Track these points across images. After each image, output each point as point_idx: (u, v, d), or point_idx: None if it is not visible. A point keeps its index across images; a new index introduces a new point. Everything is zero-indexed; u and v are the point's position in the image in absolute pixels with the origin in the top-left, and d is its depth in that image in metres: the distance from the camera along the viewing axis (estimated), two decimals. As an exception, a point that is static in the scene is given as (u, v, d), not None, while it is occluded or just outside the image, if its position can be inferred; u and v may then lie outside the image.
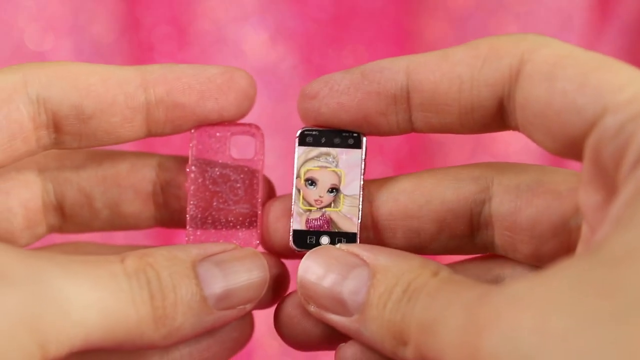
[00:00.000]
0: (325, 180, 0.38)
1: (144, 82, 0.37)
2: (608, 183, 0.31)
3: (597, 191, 0.32)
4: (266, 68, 0.67)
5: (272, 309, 0.39)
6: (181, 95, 0.37)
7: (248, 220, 0.39)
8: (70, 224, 0.40)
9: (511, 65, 0.34)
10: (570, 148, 0.32)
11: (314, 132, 0.38)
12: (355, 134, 0.38)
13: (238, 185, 0.39)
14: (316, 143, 0.38)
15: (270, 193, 0.40)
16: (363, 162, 0.38)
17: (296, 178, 0.38)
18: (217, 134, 0.38)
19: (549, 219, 0.36)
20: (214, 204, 0.39)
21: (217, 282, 0.35)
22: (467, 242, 0.38)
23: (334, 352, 0.37)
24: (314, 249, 0.36)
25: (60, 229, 0.40)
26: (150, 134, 0.38)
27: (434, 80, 0.35)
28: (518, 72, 0.33)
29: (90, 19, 0.65)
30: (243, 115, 0.39)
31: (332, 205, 0.38)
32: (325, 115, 0.37)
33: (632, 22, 0.66)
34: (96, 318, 0.32)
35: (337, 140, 0.38)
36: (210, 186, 0.39)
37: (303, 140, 0.38)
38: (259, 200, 0.39)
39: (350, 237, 0.38)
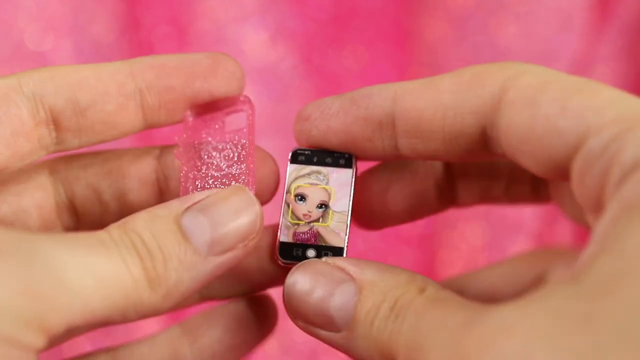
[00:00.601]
0: (314, 196, 0.38)
1: (132, 71, 0.38)
2: (596, 204, 0.31)
3: (586, 212, 0.32)
4: (266, 68, 0.67)
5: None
6: (170, 77, 0.38)
7: (242, 179, 0.38)
8: (84, 223, 0.41)
9: (493, 93, 0.34)
10: (556, 171, 0.33)
11: (306, 152, 0.39)
12: (347, 155, 0.38)
13: (230, 152, 0.39)
14: (308, 162, 0.39)
15: (270, 167, 0.40)
16: (353, 181, 0.38)
17: (286, 193, 0.39)
18: (211, 117, 0.39)
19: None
20: (207, 172, 0.39)
21: (204, 229, 0.34)
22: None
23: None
24: (301, 262, 0.36)
25: (76, 229, 0.41)
26: (147, 123, 0.38)
27: (419, 108, 0.36)
28: (500, 100, 0.34)
29: (90, 19, 0.65)
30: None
31: (321, 220, 0.38)
32: (316, 137, 0.38)
33: (632, 22, 0.66)
34: (92, 285, 0.31)
35: (328, 160, 0.39)
36: (204, 156, 0.39)
37: (295, 159, 0.39)
38: (253, 160, 0.39)
39: (337, 251, 0.38)
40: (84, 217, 0.40)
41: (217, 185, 0.38)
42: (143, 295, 0.33)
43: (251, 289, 0.40)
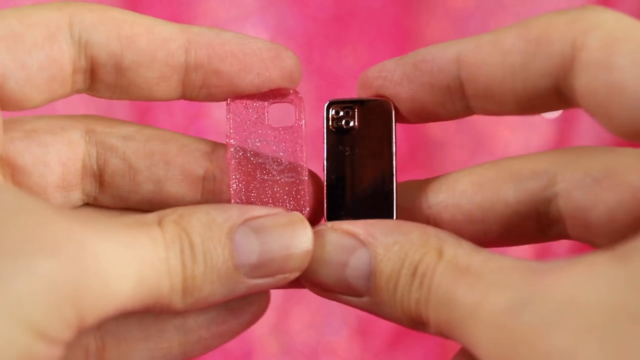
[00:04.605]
0: None
1: (186, 42, 0.35)
2: None
3: None
4: (266, 68, 0.67)
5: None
6: (223, 62, 0.35)
7: (295, 189, 0.37)
8: (107, 194, 0.38)
9: (564, 53, 0.32)
10: (636, 135, 0.31)
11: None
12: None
13: (280, 154, 0.37)
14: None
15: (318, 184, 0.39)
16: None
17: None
18: (254, 104, 0.37)
19: (625, 215, 0.34)
20: (257, 176, 0.37)
21: (253, 251, 0.34)
22: (538, 236, 0.37)
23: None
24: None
25: (95, 199, 0.39)
26: (183, 96, 0.37)
27: (486, 73, 0.33)
28: (572, 60, 0.32)
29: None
30: None
31: None
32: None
33: (632, 22, 0.66)
34: (132, 288, 0.31)
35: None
36: (252, 158, 0.37)
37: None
38: (305, 167, 0.37)
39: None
40: (109, 189, 0.38)
41: (269, 193, 0.37)
42: (174, 300, 0.33)
43: None
